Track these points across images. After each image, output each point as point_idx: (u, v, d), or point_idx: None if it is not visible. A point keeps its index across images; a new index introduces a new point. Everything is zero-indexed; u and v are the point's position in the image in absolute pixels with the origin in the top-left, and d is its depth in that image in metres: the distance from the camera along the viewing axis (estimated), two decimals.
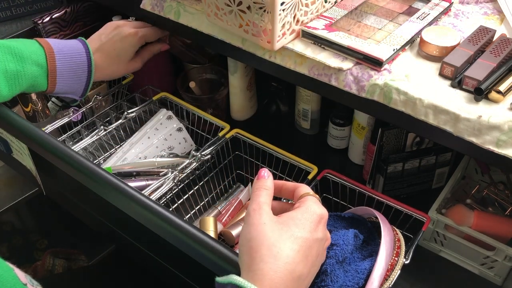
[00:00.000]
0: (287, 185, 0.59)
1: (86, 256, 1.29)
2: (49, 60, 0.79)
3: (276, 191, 0.58)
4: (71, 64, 0.81)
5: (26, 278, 0.55)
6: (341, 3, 0.74)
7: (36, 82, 0.79)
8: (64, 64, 0.81)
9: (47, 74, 0.79)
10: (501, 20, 0.72)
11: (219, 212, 0.85)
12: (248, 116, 1.08)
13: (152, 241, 0.71)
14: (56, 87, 0.82)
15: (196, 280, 0.72)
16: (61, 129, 0.90)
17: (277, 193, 0.59)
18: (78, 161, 0.70)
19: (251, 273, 0.48)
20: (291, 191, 0.58)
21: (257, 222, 0.51)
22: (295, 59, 0.69)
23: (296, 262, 0.49)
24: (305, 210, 0.53)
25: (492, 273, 0.76)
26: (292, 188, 0.58)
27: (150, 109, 0.95)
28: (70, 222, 1.34)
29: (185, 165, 0.82)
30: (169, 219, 0.61)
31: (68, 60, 0.81)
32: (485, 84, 0.58)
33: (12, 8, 1.24)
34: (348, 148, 0.98)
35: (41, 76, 0.79)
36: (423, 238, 0.80)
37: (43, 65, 0.79)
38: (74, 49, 0.82)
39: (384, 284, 0.59)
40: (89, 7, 1.05)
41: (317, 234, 0.52)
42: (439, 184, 0.89)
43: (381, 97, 0.63)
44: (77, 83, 0.83)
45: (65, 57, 0.81)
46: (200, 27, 0.77)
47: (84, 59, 0.82)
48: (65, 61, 0.81)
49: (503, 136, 0.56)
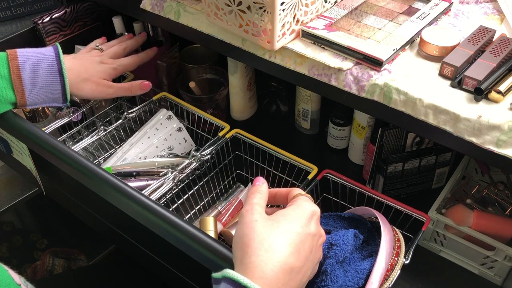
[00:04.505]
0: (281, 191, 0.60)
1: (86, 256, 1.29)
2: (12, 69, 0.74)
3: (271, 199, 0.60)
4: (39, 72, 0.76)
5: (20, 280, 0.55)
6: (341, 3, 0.74)
7: (1, 95, 0.74)
8: (31, 73, 0.75)
9: (11, 84, 0.74)
10: (501, 20, 0.72)
11: (219, 212, 0.85)
12: (248, 116, 1.08)
13: (152, 241, 0.71)
14: (27, 99, 0.76)
15: (196, 280, 0.72)
16: (61, 129, 0.90)
17: (272, 200, 0.60)
18: (78, 161, 0.70)
19: (243, 266, 0.49)
20: (285, 196, 0.59)
21: (249, 220, 0.52)
22: (295, 59, 0.69)
23: (287, 255, 0.49)
24: (296, 207, 0.54)
25: (492, 273, 0.76)
26: (285, 193, 0.59)
27: (150, 109, 0.95)
28: (70, 222, 1.35)
29: (185, 165, 0.82)
30: (169, 219, 0.61)
31: (35, 68, 0.76)
32: (485, 84, 0.58)
33: (12, 8, 1.24)
34: (348, 148, 0.98)
35: (5, 88, 0.74)
36: (423, 238, 0.80)
37: (5, 76, 0.74)
38: (41, 55, 0.77)
39: (384, 284, 0.59)
40: (89, 7, 1.05)
41: (309, 229, 0.53)
42: (439, 184, 0.89)
43: (381, 97, 0.63)
44: (51, 92, 0.78)
45: (30, 65, 0.75)
46: (200, 27, 0.77)
47: (53, 63, 0.77)
48: (31, 70, 0.76)
49: (503, 136, 0.56)
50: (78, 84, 0.82)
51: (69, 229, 1.38)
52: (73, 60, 0.84)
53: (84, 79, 0.83)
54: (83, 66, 0.84)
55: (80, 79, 0.82)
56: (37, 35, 0.99)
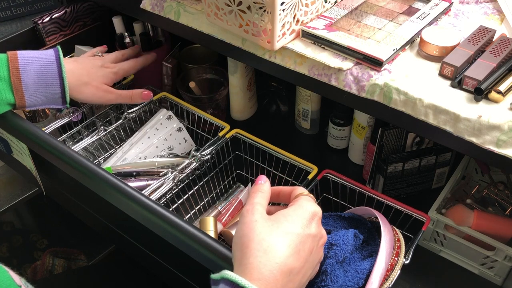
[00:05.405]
0: (284, 189, 0.60)
1: (86, 256, 1.29)
2: (12, 71, 0.74)
3: (274, 197, 0.59)
4: (38, 74, 0.76)
5: (20, 281, 0.55)
6: (341, 3, 0.74)
7: (0, 97, 0.74)
8: (31, 75, 0.76)
9: (10, 86, 0.75)
10: (501, 20, 0.72)
11: (219, 212, 0.85)
12: (248, 116, 1.08)
13: (152, 241, 0.71)
14: (27, 101, 0.76)
15: (196, 280, 0.72)
16: (61, 129, 0.90)
17: (275, 198, 0.60)
18: (78, 161, 0.70)
19: (242, 267, 0.49)
20: (288, 195, 0.59)
21: (249, 220, 0.52)
22: (295, 59, 0.69)
23: (286, 256, 0.49)
24: (297, 207, 0.54)
25: (492, 273, 0.76)
26: (288, 192, 0.59)
27: (150, 109, 0.95)
28: (70, 222, 1.35)
29: (185, 165, 0.82)
30: (169, 219, 0.61)
31: (35, 70, 0.76)
32: (485, 84, 0.58)
33: (12, 8, 1.24)
34: (348, 148, 0.98)
35: (4, 90, 0.74)
36: (423, 238, 0.80)
37: (5, 78, 0.74)
38: (42, 57, 0.78)
39: (384, 284, 0.59)
40: (89, 7, 1.05)
41: (309, 230, 0.52)
42: (439, 184, 0.89)
43: (381, 97, 0.63)
44: (50, 94, 0.78)
45: (30, 67, 0.76)
46: (200, 27, 0.77)
47: (53, 66, 0.78)
48: (31, 72, 0.76)
49: (503, 136, 0.56)
50: (78, 87, 0.82)
51: (69, 229, 1.38)
52: (74, 63, 0.84)
53: (84, 83, 0.83)
54: (84, 69, 0.84)
55: (80, 83, 0.82)
56: (37, 35, 0.99)
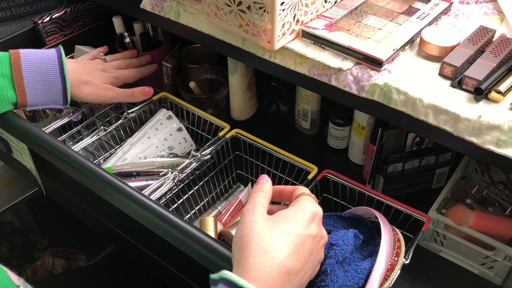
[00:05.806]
0: (286, 188, 0.59)
1: (86, 256, 1.29)
2: (14, 68, 0.74)
3: (276, 196, 0.59)
4: (40, 72, 0.77)
5: (19, 281, 0.55)
6: (341, 3, 0.74)
7: (2, 94, 0.74)
8: (32, 72, 0.76)
9: (12, 83, 0.75)
10: (501, 20, 0.72)
11: (219, 212, 0.85)
12: (248, 116, 1.08)
13: (152, 241, 0.71)
14: (28, 99, 0.77)
15: (196, 280, 0.72)
16: (61, 129, 0.90)
17: (277, 197, 0.60)
18: (78, 161, 0.70)
19: (241, 267, 0.49)
20: (290, 194, 0.59)
21: (249, 220, 0.51)
22: (295, 59, 0.69)
23: (286, 257, 0.49)
24: (297, 208, 0.54)
25: (492, 273, 0.76)
26: (290, 191, 0.59)
27: (150, 109, 0.95)
28: (70, 222, 1.35)
29: (185, 165, 0.82)
30: (169, 219, 0.61)
31: (37, 67, 0.76)
32: (485, 84, 0.58)
33: (12, 8, 1.24)
34: (348, 148, 0.98)
35: (6, 87, 0.74)
36: (423, 238, 0.80)
37: (7, 75, 0.74)
38: (44, 55, 0.78)
39: (384, 284, 0.59)
40: (89, 7, 1.05)
41: (310, 230, 0.52)
42: (439, 184, 0.89)
43: (381, 97, 0.63)
44: (52, 93, 0.79)
45: (32, 65, 0.76)
46: (200, 27, 0.77)
47: (55, 64, 0.78)
48: (33, 69, 0.76)
49: (503, 136, 0.56)
50: (79, 86, 0.82)
51: (69, 229, 1.38)
52: (75, 63, 0.84)
53: (85, 82, 0.83)
54: (85, 69, 0.84)
55: (81, 81, 0.82)
56: (37, 35, 1.00)
